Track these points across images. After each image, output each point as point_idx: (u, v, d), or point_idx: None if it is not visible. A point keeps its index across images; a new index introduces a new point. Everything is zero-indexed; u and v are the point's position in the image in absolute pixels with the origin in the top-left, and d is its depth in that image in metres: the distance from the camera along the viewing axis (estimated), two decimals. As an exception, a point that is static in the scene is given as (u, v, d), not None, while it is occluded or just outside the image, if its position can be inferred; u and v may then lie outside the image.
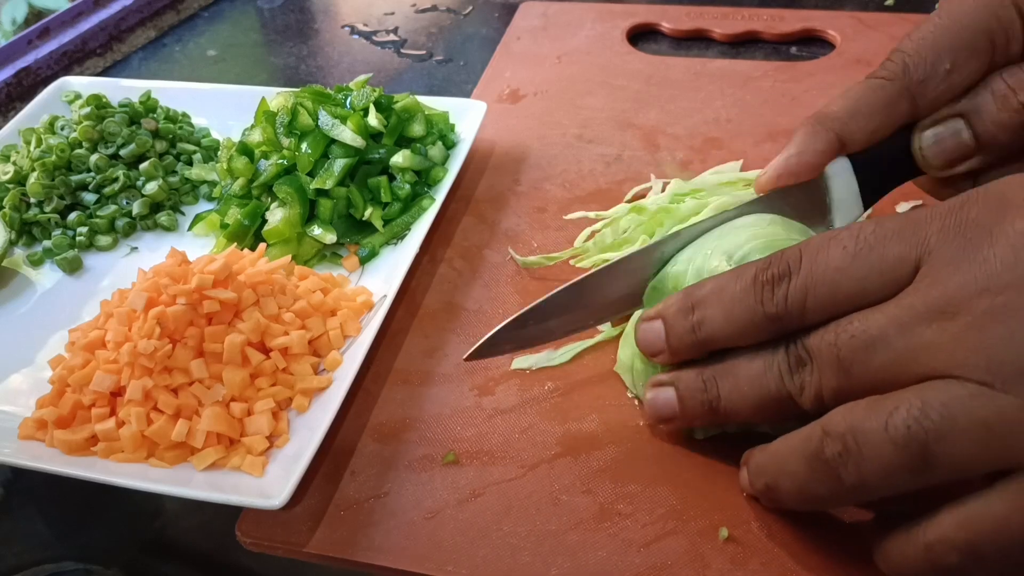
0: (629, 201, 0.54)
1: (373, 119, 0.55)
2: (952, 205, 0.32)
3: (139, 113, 0.62)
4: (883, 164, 0.42)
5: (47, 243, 0.56)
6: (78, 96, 0.66)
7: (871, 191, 0.42)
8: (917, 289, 0.32)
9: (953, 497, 0.31)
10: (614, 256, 0.49)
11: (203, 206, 0.60)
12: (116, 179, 0.59)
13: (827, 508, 0.37)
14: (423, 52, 0.78)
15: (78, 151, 0.59)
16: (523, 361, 0.46)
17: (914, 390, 0.31)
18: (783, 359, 0.35)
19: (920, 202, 0.52)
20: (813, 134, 0.41)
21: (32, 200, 0.58)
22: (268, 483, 0.40)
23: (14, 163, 0.60)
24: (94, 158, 0.59)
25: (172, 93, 0.66)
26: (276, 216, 0.53)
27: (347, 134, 0.54)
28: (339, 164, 0.53)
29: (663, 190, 0.54)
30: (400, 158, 0.54)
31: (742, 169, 0.56)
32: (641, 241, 0.49)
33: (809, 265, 0.34)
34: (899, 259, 0.32)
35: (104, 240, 0.57)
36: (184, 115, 0.65)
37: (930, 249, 0.32)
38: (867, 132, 0.41)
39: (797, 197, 0.42)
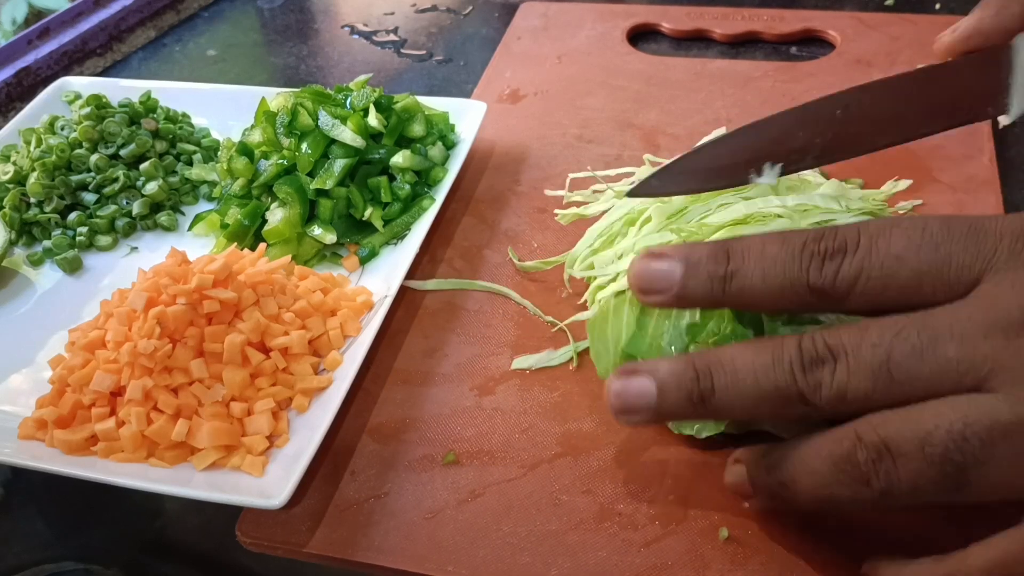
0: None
1: (373, 119, 0.55)
2: (1022, 225, 0.32)
3: (139, 113, 0.62)
4: None
5: (47, 243, 0.57)
6: (78, 96, 0.66)
7: None
8: (977, 303, 0.31)
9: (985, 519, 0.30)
10: (604, 258, 0.48)
11: (203, 206, 0.60)
12: (116, 179, 0.59)
13: (840, 510, 0.36)
14: (423, 52, 0.78)
15: (78, 151, 0.59)
16: (523, 361, 0.46)
17: (955, 407, 0.29)
18: (795, 353, 0.32)
19: (920, 201, 0.52)
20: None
21: (32, 200, 0.58)
22: (268, 483, 0.40)
23: (14, 163, 0.60)
24: (94, 158, 0.59)
25: (172, 93, 0.66)
26: (276, 216, 0.53)
27: (347, 134, 0.54)
28: (339, 164, 0.53)
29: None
30: (400, 158, 0.54)
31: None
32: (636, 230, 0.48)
33: (868, 246, 0.32)
34: (962, 266, 0.31)
35: (104, 240, 0.57)
36: (184, 115, 0.65)
37: (996, 266, 0.31)
38: None
39: (975, 69, 0.38)
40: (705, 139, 0.39)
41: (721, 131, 0.41)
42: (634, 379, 0.34)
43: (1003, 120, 0.39)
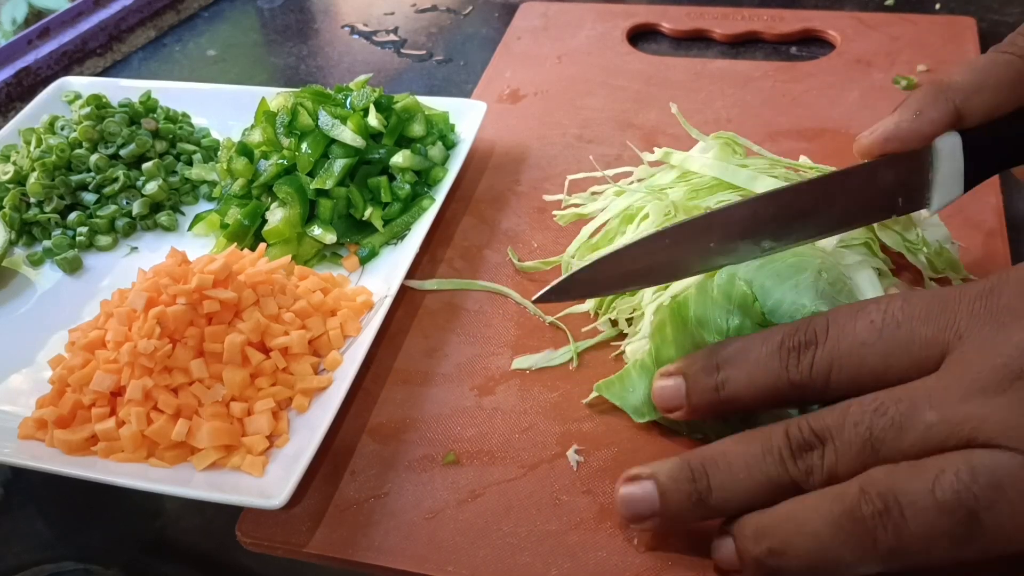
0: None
1: (373, 119, 0.55)
2: (982, 289, 0.32)
3: (139, 113, 0.62)
4: (994, 145, 0.40)
5: (47, 243, 0.56)
6: (78, 96, 0.66)
7: (975, 172, 0.40)
8: (949, 372, 0.31)
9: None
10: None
11: (203, 206, 0.60)
12: (116, 179, 0.59)
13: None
14: (423, 52, 0.78)
15: (78, 151, 0.59)
16: (523, 361, 0.46)
17: (961, 455, 0.30)
18: (783, 442, 0.33)
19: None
20: (932, 102, 0.39)
21: (32, 200, 0.58)
22: (268, 483, 0.40)
23: (14, 163, 0.60)
24: (94, 158, 0.59)
25: (172, 93, 0.66)
26: (276, 216, 0.53)
27: (347, 134, 0.54)
28: (339, 164, 0.53)
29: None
30: (400, 158, 0.54)
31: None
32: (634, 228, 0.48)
33: (836, 336, 0.34)
34: (927, 341, 0.32)
35: (104, 240, 0.57)
36: (184, 115, 0.65)
37: (960, 334, 0.31)
38: (988, 108, 0.39)
39: (896, 169, 0.39)
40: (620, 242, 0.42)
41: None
42: (637, 484, 0.36)
43: (924, 213, 0.41)
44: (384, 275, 0.51)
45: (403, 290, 0.51)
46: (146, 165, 0.60)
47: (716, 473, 0.34)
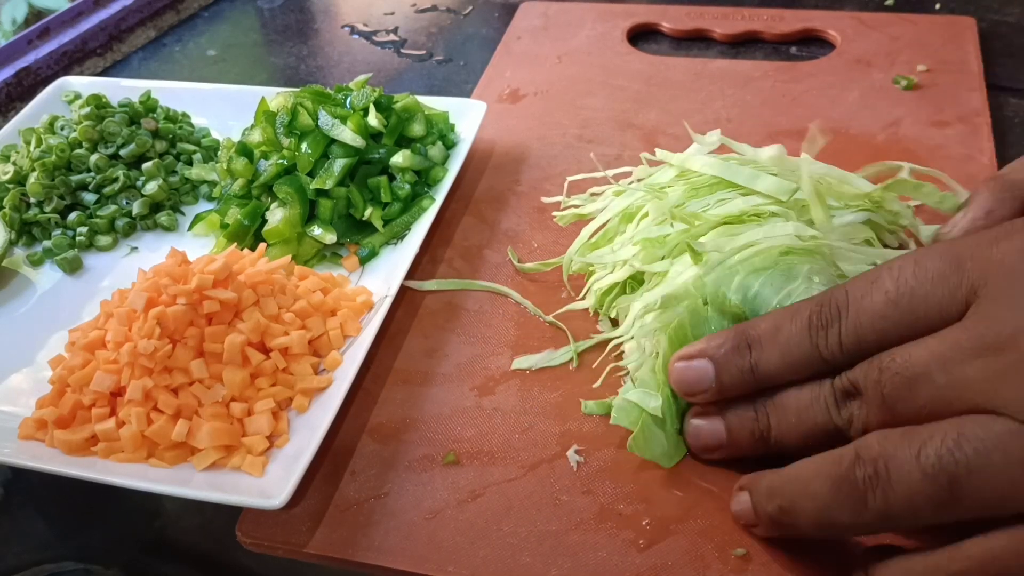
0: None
1: (373, 119, 0.55)
2: (992, 238, 0.33)
3: (139, 113, 0.62)
4: None
5: (47, 243, 0.56)
6: (78, 96, 0.66)
7: None
8: (964, 326, 0.32)
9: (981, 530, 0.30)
10: (602, 252, 0.48)
11: (203, 206, 0.60)
12: (116, 179, 0.59)
13: (842, 536, 0.37)
14: (423, 52, 0.78)
15: (78, 151, 0.59)
16: (523, 361, 0.46)
17: (952, 422, 0.30)
18: (829, 393, 0.35)
19: (918, 202, 0.52)
20: (1000, 199, 0.41)
21: (32, 200, 0.58)
22: (268, 483, 0.40)
23: (14, 163, 0.60)
24: (94, 158, 0.59)
25: (172, 93, 0.66)
26: (276, 216, 0.53)
27: (347, 134, 0.54)
28: (339, 164, 0.53)
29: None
30: (400, 158, 0.54)
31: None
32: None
33: (856, 311, 0.34)
34: (941, 304, 0.32)
35: (104, 240, 0.57)
36: (184, 115, 0.65)
37: (975, 288, 0.32)
38: None
39: None
40: None
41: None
42: (707, 421, 0.39)
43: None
44: (384, 275, 0.51)
45: (403, 290, 0.51)
46: (146, 165, 0.60)
47: (774, 415, 0.37)
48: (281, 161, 0.54)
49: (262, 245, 0.51)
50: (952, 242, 0.34)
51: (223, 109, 0.65)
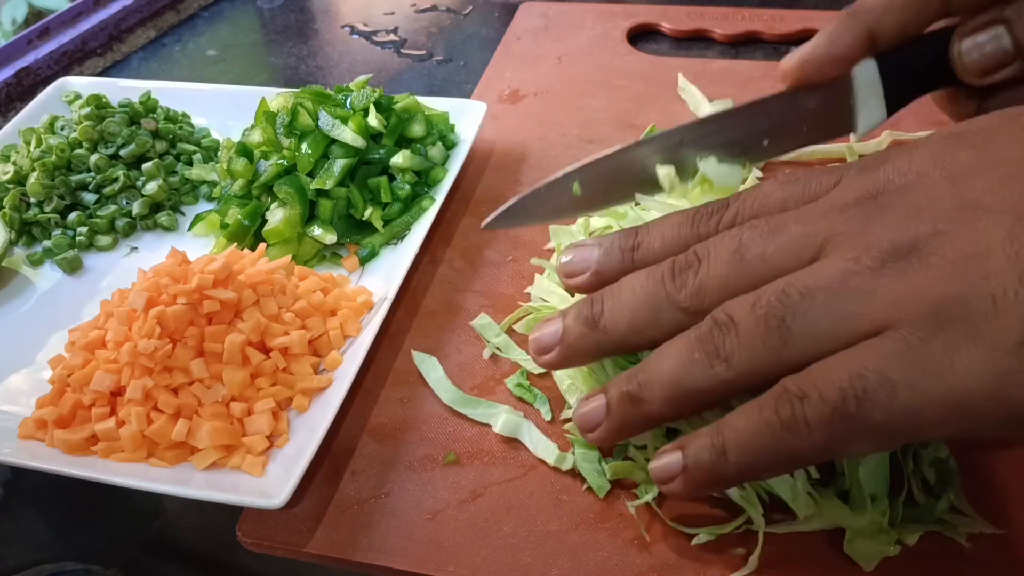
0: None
1: (373, 119, 0.55)
2: (878, 152, 0.35)
3: (139, 113, 0.62)
4: (911, 69, 0.42)
5: (47, 243, 0.56)
6: (78, 96, 0.66)
7: (895, 98, 0.42)
8: (823, 198, 0.35)
9: None
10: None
11: (203, 206, 0.60)
12: (116, 179, 0.59)
13: (695, 406, 0.35)
14: (423, 52, 0.78)
15: (78, 151, 0.59)
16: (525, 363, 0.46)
17: (786, 277, 0.32)
18: (667, 267, 0.36)
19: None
20: (845, 26, 0.41)
21: (32, 200, 0.58)
22: (268, 483, 0.40)
23: (14, 163, 0.60)
24: (94, 158, 0.59)
25: (172, 93, 0.66)
26: (276, 216, 0.53)
27: (347, 134, 0.54)
28: (339, 164, 0.53)
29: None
30: (400, 158, 0.54)
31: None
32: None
33: (743, 198, 0.37)
34: (820, 185, 0.35)
35: (104, 240, 0.57)
36: (184, 115, 0.65)
37: (847, 176, 0.35)
38: (899, 26, 0.41)
39: (819, 97, 0.42)
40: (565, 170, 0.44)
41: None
42: (548, 322, 0.39)
43: (852, 137, 0.43)
44: (384, 275, 0.51)
45: (403, 290, 0.51)
46: (146, 165, 0.60)
47: (608, 297, 0.37)
48: (281, 161, 0.54)
49: (262, 245, 0.51)
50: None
51: (223, 109, 0.65)
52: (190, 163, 0.62)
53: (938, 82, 0.42)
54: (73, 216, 0.57)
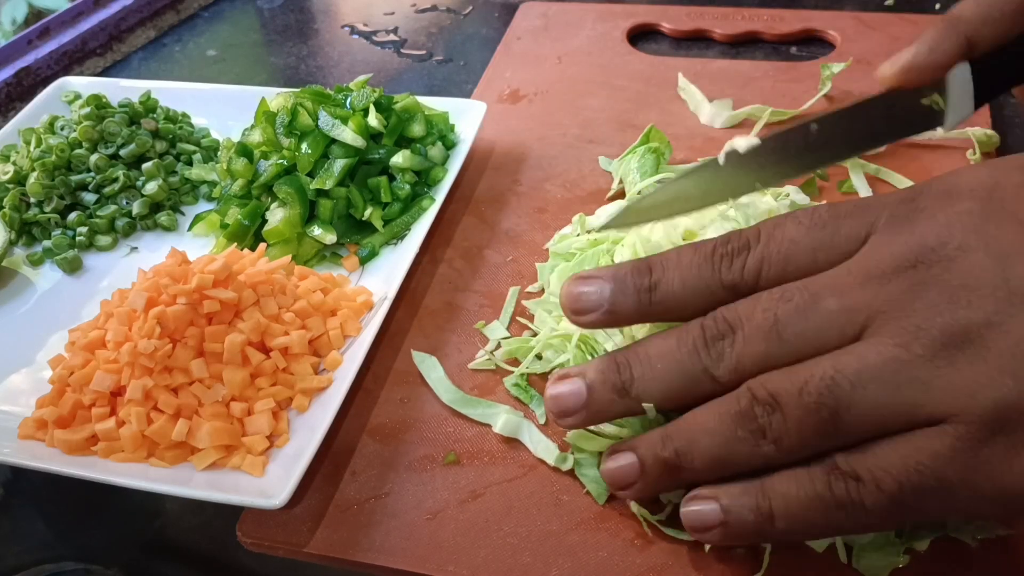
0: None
1: (373, 119, 0.55)
2: (905, 194, 0.34)
3: (139, 113, 0.62)
4: (1001, 70, 0.44)
5: (47, 243, 0.56)
6: (78, 96, 0.66)
7: (983, 95, 0.44)
8: (856, 260, 0.33)
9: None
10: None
11: (203, 206, 0.60)
12: (116, 179, 0.59)
13: (735, 472, 0.35)
14: (423, 52, 0.78)
15: (78, 151, 0.59)
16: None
17: (832, 357, 0.32)
18: (698, 334, 0.35)
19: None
20: (944, 36, 0.42)
21: (32, 200, 0.58)
22: (268, 483, 0.40)
23: (14, 163, 0.60)
24: (94, 158, 0.59)
25: (172, 93, 0.66)
26: (276, 216, 0.53)
27: (347, 134, 0.54)
28: (339, 164, 0.53)
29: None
30: (400, 158, 0.54)
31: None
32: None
33: (767, 239, 0.35)
34: (848, 236, 0.34)
35: (104, 240, 0.57)
36: (184, 115, 0.65)
37: (878, 229, 0.33)
38: (996, 37, 0.42)
39: (913, 99, 0.44)
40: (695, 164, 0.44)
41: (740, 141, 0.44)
42: (566, 382, 0.37)
43: (940, 131, 0.46)
44: (384, 275, 0.51)
45: (403, 290, 0.51)
46: (146, 165, 0.59)
47: (637, 364, 0.36)
48: (281, 161, 0.54)
49: (262, 245, 0.51)
50: (864, 197, 0.36)
51: (223, 109, 0.65)
52: (190, 163, 0.62)
53: (1021, 79, 0.44)
54: (73, 216, 0.57)
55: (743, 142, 0.45)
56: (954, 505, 0.30)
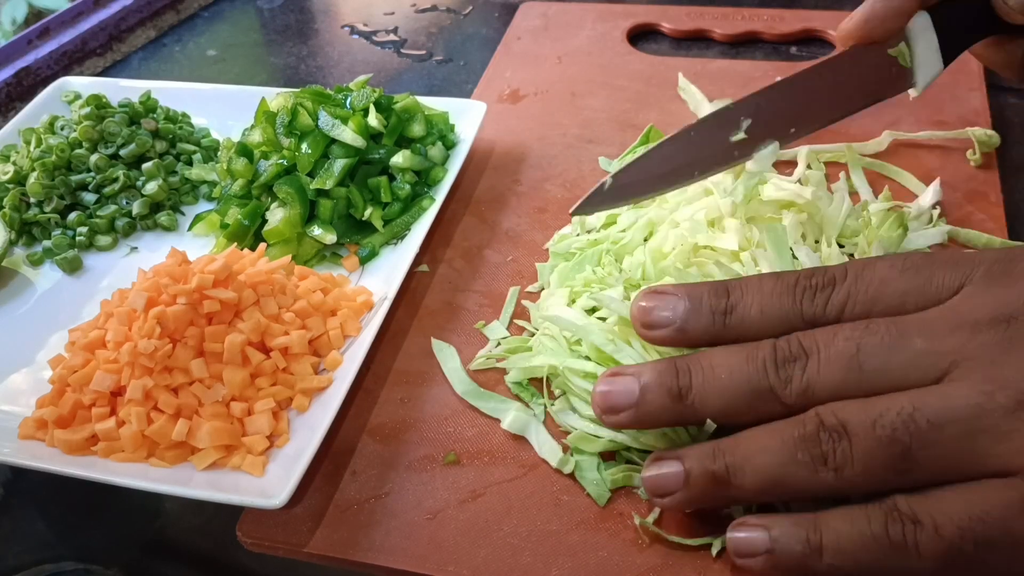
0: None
1: (373, 119, 0.55)
2: (1002, 255, 0.33)
3: (139, 113, 0.62)
4: (960, 18, 0.43)
5: (47, 243, 0.56)
6: (78, 96, 0.66)
7: (948, 49, 0.43)
8: (948, 307, 0.33)
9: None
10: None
11: (203, 206, 0.60)
12: (116, 179, 0.59)
13: (786, 498, 0.35)
14: (423, 52, 0.78)
15: (78, 151, 0.59)
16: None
17: (912, 395, 0.31)
18: (769, 352, 0.34)
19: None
20: None
21: (32, 200, 0.58)
22: (268, 483, 0.40)
23: (14, 163, 0.60)
24: (94, 158, 0.59)
25: (172, 93, 0.66)
26: (276, 216, 0.53)
27: (347, 134, 0.54)
28: (339, 164, 0.53)
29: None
30: (400, 158, 0.54)
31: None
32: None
33: (854, 277, 0.34)
34: (941, 285, 0.33)
35: (104, 240, 0.57)
36: (184, 115, 0.65)
37: (972, 282, 0.33)
38: None
39: (878, 55, 0.43)
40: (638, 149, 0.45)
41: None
42: (620, 379, 0.36)
43: (912, 93, 0.44)
44: (384, 275, 0.51)
45: (403, 290, 0.51)
46: (146, 165, 0.59)
47: (699, 372, 0.35)
48: (281, 161, 0.54)
49: (262, 245, 0.51)
50: (960, 251, 0.36)
51: (223, 109, 0.65)
52: (190, 163, 0.62)
53: (985, 29, 0.44)
54: (73, 216, 0.57)
55: (710, 105, 0.46)
56: (1016, 560, 0.29)
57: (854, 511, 0.32)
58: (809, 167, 0.53)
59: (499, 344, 0.47)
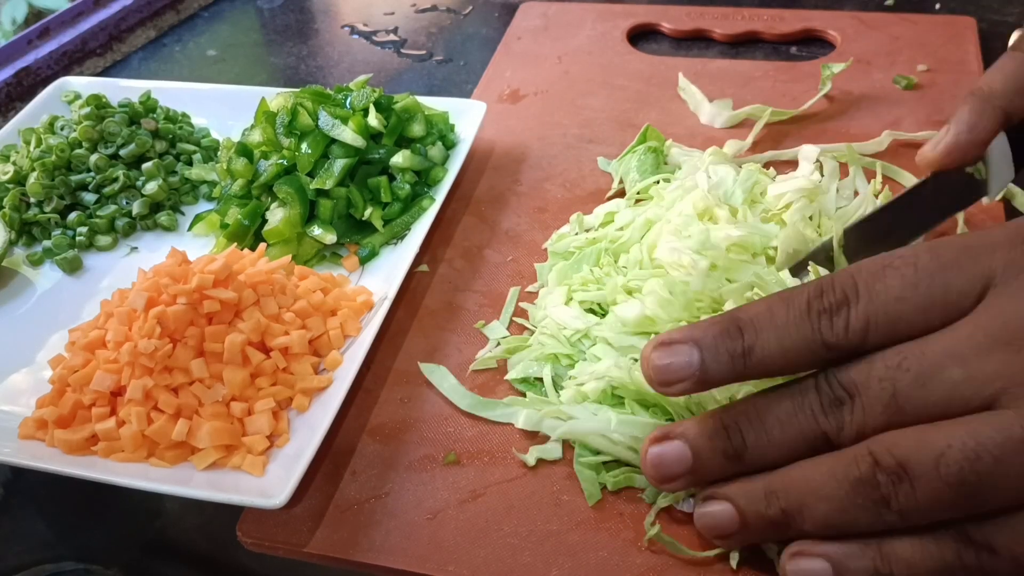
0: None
1: (373, 119, 0.55)
2: (1013, 235, 0.32)
3: (139, 113, 0.62)
4: None
5: (47, 243, 0.56)
6: (78, 96, 0.66)
7: (1021, 156, 0.44)
8: (978, 320, 0.31)
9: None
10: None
11: (203, 206, 0.60)
12: (116, 179, 0.59)
13: (847, 535, 0.33)
14: (423, 52, 0.78)
15: (78, 151, 0.59)
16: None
17: (968, 425, 0.30)
18: (815, 398, 0.33)
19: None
20: (981, 112, 0.43)
21: (32, 200, 0.58)
22: (268, 483, 0.40)
23: (14, 163, 0.60)
24: (94, 158, 0.59)
25: (172, 93, 0.66)
26: (276, 216, 0.53)
27: (347, 134, 0.54)
28: (339, 164, 0.53)
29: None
30: (400, 158, 0.54)
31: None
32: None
33: (867, 294, 0.32)
34: (962, 292, 0.32)
35: (104, 240, 0.57)
36: (184, 115, 0.65)
37: (995, 282, 0.31)
38: None
39: (957, 174, 0.44)
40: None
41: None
42: (668, 445, 0.35)
43: (985, 201, 0.45)
44: (384, 275, 0.51)
45: (403, 290, 0.51)
46: (146, 165, 0.59)
47: (750, 430, 0.34)
48: (281, 161, 0.54)
49: (262, 245, 0.51)
50: (964, 235, 0.34)
51: (223, 109, 0.65)
52: (190, 163, 0.62)
53: None
54: (73, 216, 0.57)
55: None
56: None
57: (924, 541, 0.31)
58: (819, 163, 0.54)
59: (499, 344, 0.47)
